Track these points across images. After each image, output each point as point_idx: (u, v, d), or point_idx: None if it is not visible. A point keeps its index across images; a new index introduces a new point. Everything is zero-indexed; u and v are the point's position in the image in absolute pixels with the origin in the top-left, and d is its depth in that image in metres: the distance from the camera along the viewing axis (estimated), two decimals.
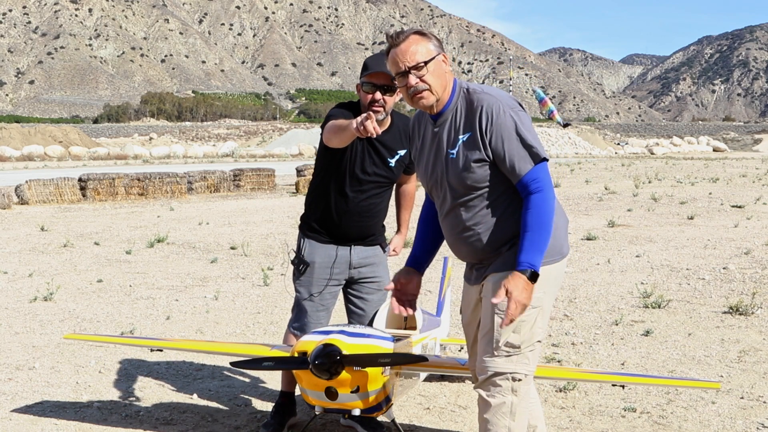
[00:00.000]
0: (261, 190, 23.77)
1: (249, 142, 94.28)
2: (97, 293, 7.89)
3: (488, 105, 2.92)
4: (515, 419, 2.95)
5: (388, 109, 3.86)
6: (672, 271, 9.07)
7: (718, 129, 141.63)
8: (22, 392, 4.83)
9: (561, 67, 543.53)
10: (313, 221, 4.04)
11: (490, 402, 2.96)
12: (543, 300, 2.99)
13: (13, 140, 55.23)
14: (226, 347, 4.48)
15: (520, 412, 2.96)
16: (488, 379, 2.98)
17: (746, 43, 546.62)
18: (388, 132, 3.95)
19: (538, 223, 2.85)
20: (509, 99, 2.98)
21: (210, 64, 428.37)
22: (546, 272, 2.98)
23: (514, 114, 2.92)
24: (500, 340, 2.95)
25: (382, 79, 3.80)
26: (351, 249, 4.00)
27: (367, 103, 3.83)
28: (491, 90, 3.01)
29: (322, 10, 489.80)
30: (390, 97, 3.84)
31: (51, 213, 16.51)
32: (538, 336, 3.00)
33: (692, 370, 5.22)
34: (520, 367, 2.96)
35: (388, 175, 3.98)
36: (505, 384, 2.95)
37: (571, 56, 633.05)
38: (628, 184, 25.47)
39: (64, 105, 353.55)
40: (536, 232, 2.85)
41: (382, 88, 3.80)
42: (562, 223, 3.10)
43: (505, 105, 2.93)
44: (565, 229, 3.12)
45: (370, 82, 3.81)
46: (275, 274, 8.86)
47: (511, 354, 2.95)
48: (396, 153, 3.97)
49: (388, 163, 3.95)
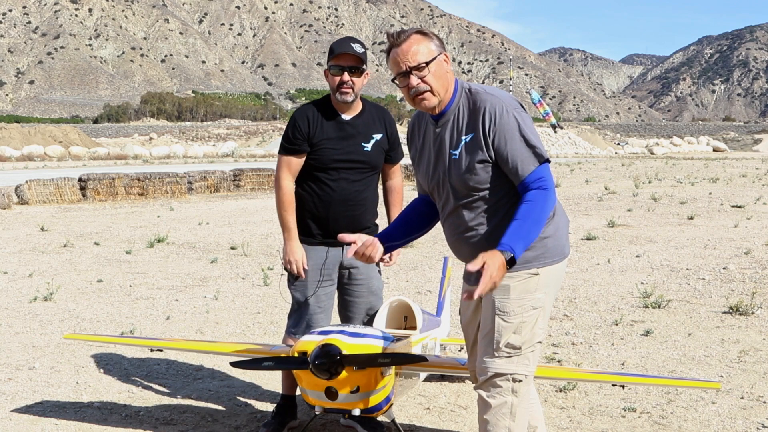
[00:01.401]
0: (261, 190, 23.76)
1: (249, 142, 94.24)
2: (97, 293, 7.89)
3: (491, 105, 2.92)
4: (515, 420, 2.95)
5: (357, 91, 3.89)
6: (672, 271, 9.06)
7: (718, 129, 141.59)
8: (22, 392, 4.83)
9: (561, 67, 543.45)
10: (303, 223, 4.02)
11: (491, 402, 2.96)
12: (544, 300, 2.99)
13: (13, 140, 55.20)
14: (226, 347, 4.47)
15: (520, 412, 2.96)
16: (489, 379, 2.97)
17: (746, 43, 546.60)
18: (360, 116, 3.98)
19: (532, 214, 2.81)
20: (511, 99, 2.98)
21: (210, 64, 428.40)
22: (547, 273, 2.98)
23: (517, 114, 2.91)
24: (501, 341, 2.95)
25: (348, 61, 3.84)
26: (343, 249, 3.99)
27: (336, 86, 3.85)
28: (493, 90, 3.00)
29: (322, 10, 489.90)
30: (358, 78, 3.87)
31: (51, 213, 16.51)
32: (538, 337, 2.99)
33: (692, 370, 5.22)
34: (520, 368, 2.96)
35: (366, 159, 3.96)
36: (505, 385, 2.95)
37: (571, 56, 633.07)
38: (628, 184, 25.47)
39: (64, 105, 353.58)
40: (526, 222, 2.80)
41: (350, 70, 3.84)
42: (563, 224, 3.10)
43: (508, 105, 2.92)
44: (566, 229, 3.12)
45: (338, 65, 3.84)
46: (275, 274, 8.86)
47: (512, 355, 2.95)
48: (371, 137, 3.98)
49: (363, 147, 3.95)
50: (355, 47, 3.84)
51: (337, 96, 3.88)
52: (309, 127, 3.90)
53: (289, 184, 3.96)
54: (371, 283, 4.10)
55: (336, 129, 3.91)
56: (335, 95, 3.89)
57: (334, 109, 3.94)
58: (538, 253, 2.95)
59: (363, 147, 3.95)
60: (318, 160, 3.91)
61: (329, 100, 3.96)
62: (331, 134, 3.90)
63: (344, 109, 3.94)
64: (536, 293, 2.95)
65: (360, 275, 4.07)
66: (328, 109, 3.94)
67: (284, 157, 3.96)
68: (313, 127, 3.89)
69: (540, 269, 2.96)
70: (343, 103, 3.90)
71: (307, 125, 3.90)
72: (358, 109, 3.98)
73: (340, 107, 3.94)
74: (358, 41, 3.91)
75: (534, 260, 2.95)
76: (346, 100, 3.87)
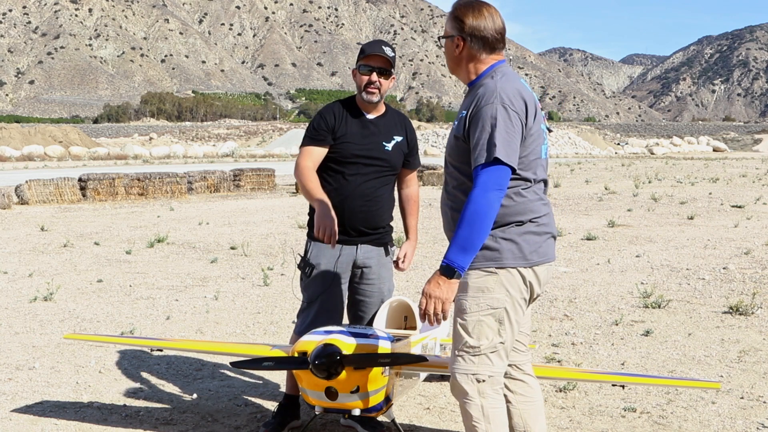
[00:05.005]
0: (261, 190, 23.76)
1: (249, 142, 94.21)
2: (97, 293, 7.89)
3: (485, 90, 2.93)
4: (491, 422, 2.94)
5: (383, 92, 3.98)
6: (672, 271, 9.07)
7: (718, 129, 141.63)
8: (22, 392, 4.83)
9: (561, 67, 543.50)
10: None
11: (463, 407, 2.98)
12: (504, 302, 2.95)
13: (13, 140, 55.18)
14: (226, 347, 4.48)
15: (494, 414, 2.95)
16: (455, 383, 2.98)
17: (746, 43, 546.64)
18: (383, 117, 4.06)
19: (464, 217, 2.81)
20: (510, 96, 2.90)
21: (210, 64, 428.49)
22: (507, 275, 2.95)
23: (502, 109, 2.86)
24: (460, 341, 2.96)
25: (378, 62, 3.93)
26: (357, 248, 4.00)
27: (363, 86, 3.94)
28: (506, 82, 2.95)
29: (322, 10, 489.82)
30: (385, 80, 3.96)
31: (51, 213, 16.51)
32: (502, 339, 2.96)
33: (692, 370, 5.22)
34: (482, 369, 2.94)
35: (386, 158, 4.00)
36: (470, 387, 2.94)
37: (571, 56, 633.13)
38: (628, 184, 25.48)
39: (64, 105, 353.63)
40: (459, 226, 2.81)
41: (378, 71, 3.92)
42: (541, 232, 3.02)
43: (499, 97, 2.88)
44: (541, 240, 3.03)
45: (367, 65, 3.93)
46: (275, 274, 8.86)
47: (471, 354, 2.95)
48: (392, 138, 4.04)
49: (384, 147, 4.00)
50: (386, 50, 3.94)
51: (363, 95, 3.96)
52: (335, 121, 3.97)
53: (309, 164, 3.93)
54: (383, 284, 4.11)
55: (359, 126, 3.98)
56: (361, 94, 3.97)
57: (358, 108, 4.02)
58: (496, 254, 2.93)
59: (384, 146, 4.01)
60: (339, 153, 3.95)
61: (354, 100, 4.05)
62: (354, 130, 3.97)
63: (369, 109, 4.02)
64: (494, 293, 2.93)
65: (372, 275, 4.07)
66: (354, 108, 4.02)
67: (306, 147, 3.98)
68: (338, 122, 3.97)
69: (499, 270, 2.93)
70: (369, 103, 3.97)
71: (333, 119, 3.97)
72: (381, 110, 4.06)
73: (365, 107, 4.01)
74: (389, 45, 4.00)
75: (492, 260, 2.93)
76: (371, 100, 3.94)
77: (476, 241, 2.80)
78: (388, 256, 4.14)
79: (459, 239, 2.80)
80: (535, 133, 2.97)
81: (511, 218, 2.94)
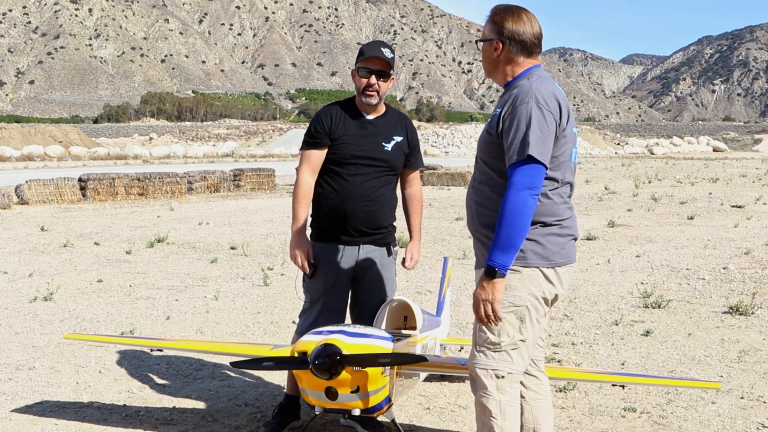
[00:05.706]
0: (261, 190, 23.75)
1: (249, 142, 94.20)
2: (97, 293, 7.89)
3: (520, 90, 2.98)
4: (506, 419, 2.98)
5: (382, 94, 3.98)
6: (672, 271, 9.07)
7: (718, 129, 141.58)
8: (22, 392, 4.83)
9: (561, 67, 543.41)
10: (321, 220, 4.04)
11: (481, 402, 3.01)
12: (526, 300, 3.00)
13: (13, 140, 55.18)
14: (226, 347, 4.48)
15: (510, 411, 2.98)
16: (474, 378, 3.02)
17: (746, 43, 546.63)
18: (383, 118, 4.06)
19: (501, 218, 2.85)
20: (545, 97, 2.95)
21: (210, 64, 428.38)
22: (530, 274, 3.00)
23: (537, 109, 2.91)
24: (481, 338, 3.01)
25: (377, 64, 3.93)
26: (359, 248, 4.00)
27: (362, 88, 3.94)
28: (541, 84, 3.00)
29: (322, 10, 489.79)
30: (384, 83, 3.97)
31: (51, 213, 16.51)
32: (522, 336, 3.00)
33: (692, 370, 5.22)
34: (501, 365, 2.98)
35: (386, 158, 4.00)
36: (489, 383, 2.99)
37: (571, 56, 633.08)
38: (628, 184, 25.48)
39: (64, 105, 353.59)
40: (498, 227, 2.86)
41: (377, 73, 3.93)
42: (563, 234, 3.09)
43: (534, 97, 2.93)
44: (564, 241, 3.10)
45: (366, 67, 3.93)
46: (275, 274, 8.86)
47: (492, 350, 2.99)
48: (392, 138, 4.04)
49: (383, 147, 4.00)
50: (385, 52, 3.94)
51: (362, 98, 3.97)
52: (332, 122, 3.98)
53: (308, 177, 3.99)
54: (385, 284, 4.11)
55: (358, 127, 3.99)
56: (360, 97, 3.98)
57: (357, 109, 4.03)
58: (520, 254, 2.98)
59: (383, 146, 4.01)
60: (338, 154, 3.96)
61: (353, 101, 4.05)
62: (353, 131, 3.97)
63: (368, 110, 4.03)
64: (517, 291, 2.98)
65: (374, 275, 4.07)
66: (352, 109, 4.03)
67: (305, 152, 4.01)
68: (335, 123, 3.97)
69: (523, 269, 2.99)
70: (368, 105, 3.98)
71: (330, 121, 3.98)
72: (381, 111, 4.07)
73: (364, 108, 4.02)
74: (388, 46, 4.00)
75: (516, 258, 2.97)
76: (370, 102, 3.95)
77: (515, 240, 2.85)
78: (391, 256, 4.14)
79: (498, 239, 2.86)
80: (568, 135, 3.03)
81: (536, 218, 2.98)
